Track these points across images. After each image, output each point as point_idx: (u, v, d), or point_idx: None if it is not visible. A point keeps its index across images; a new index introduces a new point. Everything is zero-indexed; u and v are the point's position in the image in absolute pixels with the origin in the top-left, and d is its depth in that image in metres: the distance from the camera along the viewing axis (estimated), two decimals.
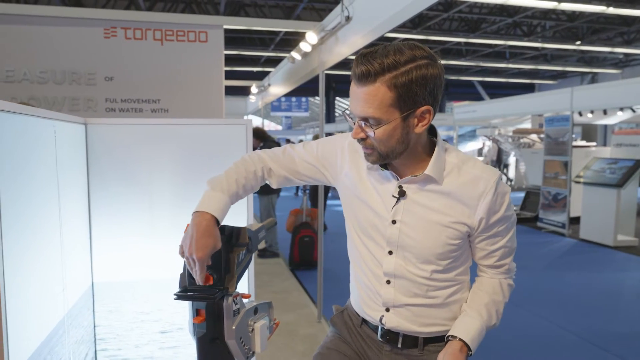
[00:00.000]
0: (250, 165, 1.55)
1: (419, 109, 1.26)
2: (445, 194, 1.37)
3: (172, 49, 4.18)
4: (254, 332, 1.48)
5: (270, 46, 16.68)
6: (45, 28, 3.98)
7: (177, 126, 2.09)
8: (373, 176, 1.45)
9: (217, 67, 4.26)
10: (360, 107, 1.26)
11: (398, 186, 1.40)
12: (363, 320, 1.56)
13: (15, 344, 1.29)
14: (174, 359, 2.14)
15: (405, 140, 1.31)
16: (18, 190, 1.33)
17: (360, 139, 1.33)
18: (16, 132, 1.34)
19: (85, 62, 4.05)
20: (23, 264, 1.37)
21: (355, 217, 1.50)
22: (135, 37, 4.14)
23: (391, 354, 1.50)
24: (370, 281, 1.48)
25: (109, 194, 2.04)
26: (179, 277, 1.41)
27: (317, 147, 1.57)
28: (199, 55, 4.22)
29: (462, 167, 1.38)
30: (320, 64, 4.35)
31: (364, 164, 1.45)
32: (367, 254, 1.48)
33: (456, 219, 1.37)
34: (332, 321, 1.67)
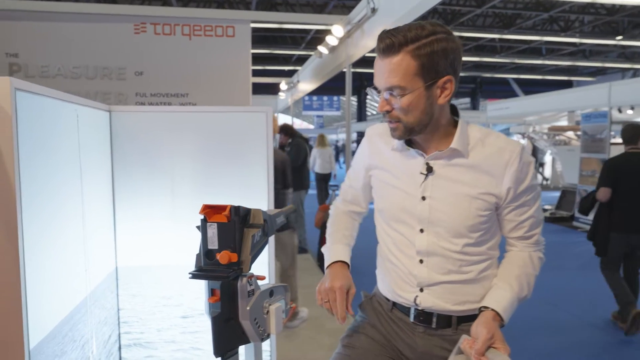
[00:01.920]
0: (342, 219, 1.71)
1: (441, 79, 1.31)
2: (471, 166, 1.39)
3: (200, 44, 4.24)
4: (269, 315, 1.48)
5: (302, 45, 16.72)
6: (78, 25, 4.09)
7: (199, 114, 2.11)
8: (398, 158, 1.48)
9: (244, 61, 4.29)
10: (386, 78, 1.32)
11: (425, 163, 1.42)
12: (394, 305, 1.56)
13: (35, 318, 1.33)
14: (195, 344, 2.17)
15: (430, 112, 1.35)
16: (38, 168, 1.37)
17: (385, 112, 1.37)
18: (38, 113, 1.38)
19: (116, 58, 4.14)
20: (43, 241, 1.40)
21: (385, 205, 1.52)
22: (164, 33, 4.21)
23: (425, 335, 1.50)
24: (402, 263, 1.49)
25: (132, 180, 2.08)
26: (195, 258, 1.42)
27: (352, 169, 1.69)
28: (226, 50, 4.26)
29: (486, 140, 1.41)
30: (347, 57, 4.34)
31: (387, 147, 1.49)
32: (398, 237, 1.49)
33: (484, 190, 1.38)
34: (361, 307, 1.67)
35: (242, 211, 1.42)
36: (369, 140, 1.59)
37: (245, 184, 2.11)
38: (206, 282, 1.40)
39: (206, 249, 1.40)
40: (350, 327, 1.65)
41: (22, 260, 1.24)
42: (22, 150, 1.26)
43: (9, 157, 1.19)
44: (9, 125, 1.19)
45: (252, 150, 2.10)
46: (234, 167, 2.10)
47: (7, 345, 1.23)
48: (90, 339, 1.78)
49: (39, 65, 4.04)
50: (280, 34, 16.18)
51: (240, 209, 1.42)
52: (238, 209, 1.40)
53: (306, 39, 16.13)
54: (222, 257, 1.36)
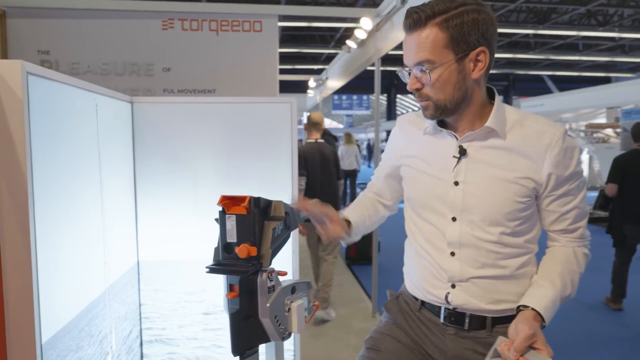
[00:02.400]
0: (363, 200, 1.63)
1: (474, 51, 1.23)
2: (508, 149, 1.29)
3: (227, 39, 4.21)
4: (290, 312, 1.40)
5: (331, 43, 16.67)
6: (107, 21, 4.12)
7: (222, 104, 2.05)
8: (430, 141, 1.40)
9: (271, 57, 4.25)
10: (414, 53, 1.25)
11: (458, 145, 1.33)
12: (422, 304, 1.45)
13: (48, 311, 1.28)
14: (216, 341, 2.11)
15: (462, 87, 1.26)
16: (51, 156, 1.33)
17: (415, 90, 1.29)
18: (53, 99, 1.34)
19: (144, 54, 4.15)
20: (56, 231, 1.36)
21: (414, 193, 1.44)
22: (191, 28, 4.20)
23: (456, 337, 1.38)
24: (432, 256, 1.39)
25: (153, 172, 2.04)
26: (213, 251, 1.36)
27: (381, 160, 1.61)
28: (253, 45, 4.22)
29: (525, 122, 1.31)
30: (376, 51, 4.24)
31: (420, 132, 1.42)
32: (428, 228, 1.40)
33: (522, 174, 1.28)
34: (386, 307, 1.57)
35: (263, 203, 1.35)
36: (400, 128, 1.51)
37: (269, 176, 2.04)
38: (225, 277, 1.34)
39: (224, 242, 1.34)
40: (375, 329, 1.55)
41: (33, 250, 1.20)
42: (35, 136, 1.21)
43: (20, 143, 1.15)
44: (20, 109, 1.15)
45: (277, 143, 2.04)
46: (258, 160, 2.03)
47: (18, 339, 1.19)
48: (109, 334, 1.74)
49: (70, 62, 4.08)
50: (309, 32, 16.16)
51: (261, 200, 1.35)
52: (258, 200, 1.33)
53: (335, 37, 16.07)
54: (240, 251, 1.29)
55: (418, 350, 1.45)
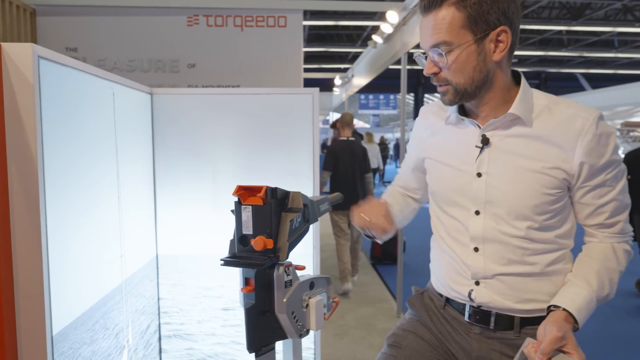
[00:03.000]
0: (392, 192, 1.57)
1: (494, 30, 1.16)
2: (535, 137, 1.20)
3: (252, 35, 4.19)
4: (308, 308, 1.34)
5: (358, 42, 16.58)
6: (133, 18, 4.15)
7: (242, 96, 2.01)
8: (452, 132, 1.33)
9: (296, 52, 4.21)
10: (430, 35, 1.18)
11: (481, 134, 1.25)
12: (447, 301, 1.38)
13: (59, 302, 1.26)
14: (235, 337, 2.07)
15: (483, 69, 1.18)
16: (63, 143, 1.30)
17: (432, 75, 1.23)
18: (66, 86, 1.31)
19: (170, 50, 4.16)
20: (69, 220, 1.34)
21: (437, 187, 1.37)
22: (216, 24, 4.20)
23: (481, 337, 1.30)
24: (455, 252, 1.32)
25: (173, 165, 2.01)
26: (229, 243, 1.31)
27: (407, 153, 1.54)
28: (278, 41, 4.19)
29: (555, 108, 1.21)
30: (403, 45, 4.15)
31: (442, 123, 1.35)
32: (450, 222, 1.33)
33: (551, 164, 1.19)
34: (410, 303, 1.50)
35: (280, 193, 1.30)
36: (423, 119, 1.44)
37: (290, 170, 1.99)
38: (240, 270, 1.29)
39: (240, 234, 1.29)
40: (398, 325, 1.48)
41: (44, 240, 1.17)
42: (46, 122, 1.19)
43: (30, 129, 1.12)
44: (31, 94, 1.12)
45: (298, 135, 1.98)
46: (278, 153, 1.99)
47: (28, 331, 1.16)
48: (125, 327, 1.71)
49: (97, 59, 4.12)
50: (336, 31, 16.09)
51: (278, 191, 1.29)
52: (275, 190, 1.28)
53: (362, 36, 15.97)
54: (256, 243, 1.23)
55: (442, 348, 1.38)
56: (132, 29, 4.10)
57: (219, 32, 4.16)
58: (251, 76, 4.13)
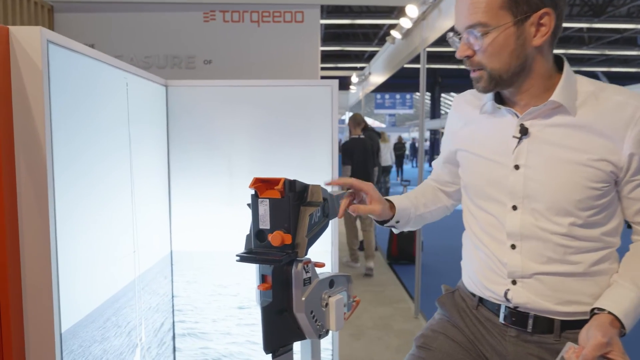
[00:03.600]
0: (422, 187, 1.50)
1: (536, 13, 1.07)
2: (579, 127, 1.11)
3: (268, 31, 4.14)
4: (328, 308, 1.28)
5: (374, 41, 16.47)
6: (149, 14, 4.12)
7: (259, 88, 1.95)
8: (488, 121, 1.25)
9: (313, 48, 4.16)
10: (465, 15, 1.11)
11: (519, 124, 1.16)
12: (480, 301, 1.29)
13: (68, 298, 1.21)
14: (251, 337, 2.01)
15: (521, 55, 1.10)
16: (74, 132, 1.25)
17: (466, 58, 1.15)
18: (77, 73, 1.26)
19: (186, 46, 4.14)
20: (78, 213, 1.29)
21: (470, 180, 1.29)
22: (232, 20, 4.16)
23: (518, 340, 1.22)
24: (490, 249, 1.23)
25: (188, 159, 1.96)
26: (245, 239, 1.25)
27: (442, 142, 1.46)
28: (295, 36, 4.14)
29: (601, 95, 1.12)
30: (422, 40, 4.06)
31: (476, 112, 1.27)
32: (485, 218, 1.24)
33: (597, 156, 1.10)
34: (440, 302, 1.42)
35: (298, 186, 1.23)
36: (456, 108, 1.36)
37: (308, 164, 1.93)
38: (257, 267, 1.23)
39: (257, 229, 1.22)
40: (427, 326, 1.40)
41: (52, 232, 1.12)
42: (56, 109, 1.14)
43: (39, 116, 1.07)
44: (39, 80, 1.07)
45: (316, 128, 1.92)
46: (296, 146, 1.93)
47: (36, 327, 1.12)
48: (138, 325, 1.66)
49: (113, 55, 4.08)
50: (352, 30, 16.00)
51: (297, 184, 1.22)
52: (293, 183, 1.21)
53: (378, 34, 15.86)
54: (274, 238, 1.17)
55: (474, 351, 1.30)
56: (148, 25, 4.08)
57: (236, 28, 4.12)
58: (268, 72, 4.08)
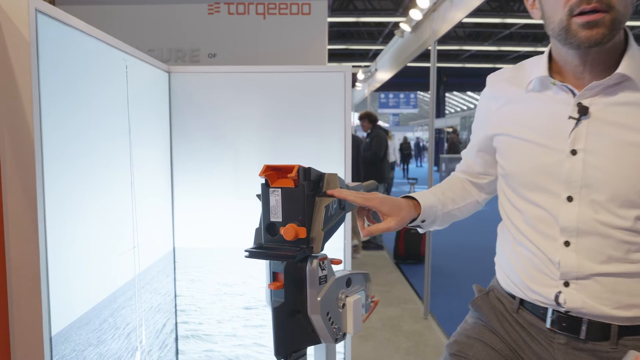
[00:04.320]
0: (449, 180, 1.37)
1: None
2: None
3: (274, 23, 4.04)
4: (345, 309, 1.17)
5: (379, 39, 16.36)
6: (153, 7, 4.03)
7: (267, 74, 1.84)
8: (535, 100, 1.11)
9: (320, 40, 4.05)
10: None
11: (576, 102, 1.03)
12: (521, 303, 1.16)
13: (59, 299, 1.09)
14: (258, 339, 1.90)
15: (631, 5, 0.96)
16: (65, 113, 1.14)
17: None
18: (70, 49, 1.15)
19: (190, 39, 4.04)
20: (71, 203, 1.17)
21: (514, 168, 1.15)
22: (237, 12, 4.06)
23: (567, 348, 1.09)
24: (537, 246, 1.10)
25: (192, 150, 1.86)
26: (254, 232, 1.14)
27: (473, 129, 1.33)
28: (301, 29, 4.03)
29: None
30: (432, 33, 3.93)
31: (521, 90, 1.13)
32: (532, 210, 1.11)
33: None
34: (476, 305, 1.28)
35: (314, 175, 1.12)
36: (492, 88, 1.22)
37: (319, 155, 1.82)
38: (267, 263, 1.12)
39: (268, 222, 1.11)
40: (460, 331, 1.27)
41: (41, 225, 1.01)
42: (45, 87, 1.03)
43: (26, 96, 0.96)
44: (27, 54, 0.96)
45: (328, 117, 1.80)
46: (306, 136, 1.82)
47: (23, 330, 1.01)
48: (138, 326, 1.55)
49: None
50: (357, 28, 15.89)
51: (312, 172, 1.11)
52: (308, 171, 1.10)
53: (383, 32, 15.75)
54: (287, 232, 1.06)
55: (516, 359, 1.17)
56: (151, 18, 3.99)
57: (241, 21, 4.02)
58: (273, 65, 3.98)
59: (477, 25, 14.67)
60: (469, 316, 1.29)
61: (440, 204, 1.23)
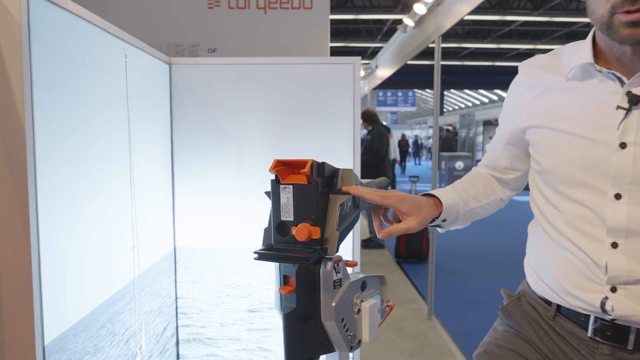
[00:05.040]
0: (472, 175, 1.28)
1: None
2: None
3: (275, 17, 3.94)
4: (360, 314, 1.10)
5: (377, 37, 16.29)
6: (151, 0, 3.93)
7: (272, 66, 1.76)
8: (577, 89, 1.02)
9: (322, 35, 3.96)
10: None
11: (626, 91, 0.95)
12: (558, 309, 1.08)
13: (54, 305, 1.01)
14: (262, 343, 1.82)
15: None
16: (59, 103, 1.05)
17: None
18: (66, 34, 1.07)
19: (189, 34, 3.94)
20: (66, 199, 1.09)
21: (554, 163, 1.06)
22: (238, 6, 3.95)
23: (612, 359, 1.01)
24: (580, 248, 1.01)
25: (193, 145, 1.78)
26: (263, 232, 1.06)
27: (501, 122, 1.24)
28: (303, 23, 3.94)
29: None
30: (437, 28, 3.86)
31: (560, 79, 1.05)
32: (573, 209, 1.02)
33: None
34: (507, 311, 1.20)
35: (327, 170, 1.04)
36: (526, 75, 1.13)
37: (327, 151, 1.75)
38: (277, 266, 1.04)
39: (278, 221, 1.03)
40: (490, 340, 1.19)
41: (34, 226, 0.92)
42: (38, 74, 0.94)
43: (17, 82, 0.88)
44: (18, 37, 0.87)
45: (336, 111, 1.73)
46: (313, 131, 1.75)
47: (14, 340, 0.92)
48: (138, 331, 1.47)
49: None
50: (355, 26, 15.81)
51: (326, 167, 1.03)
52: (322, 166, 1.02)
53: (382, 30, 15.67)
54: (299, 232, 0.98)
55: None
56: (149, 12, 3.90)
57: (241, 15, 3.93)
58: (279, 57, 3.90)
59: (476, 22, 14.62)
60: (498, 323, 1.21)
61: (462, 201, 1.14)
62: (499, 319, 1.22)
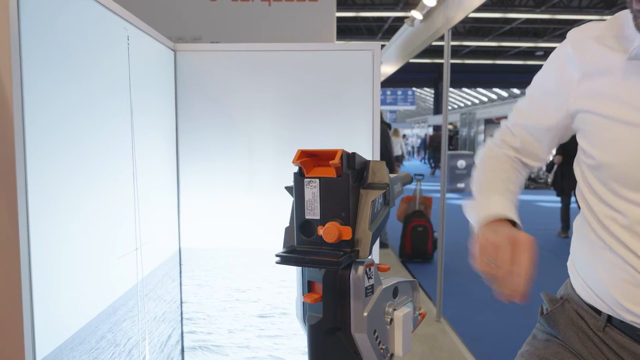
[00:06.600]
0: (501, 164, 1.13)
1: None
2: None
3: (280, 10, 3.87)
4: (393, 324, 0.98)
5: (378, 35, 16.22)
6: None
7: (285, 53, 1.64)
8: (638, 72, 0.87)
9: (328, 28, 3.86)
10: None
11: None
12: (609, 320, 0.96)
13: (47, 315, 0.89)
14: (274, 351, 1.71)
15: None
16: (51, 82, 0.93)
17: None
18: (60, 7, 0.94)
19: (191, 27, 3.85)
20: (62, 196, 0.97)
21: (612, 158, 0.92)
22: None
23: None
24: (638, 256, 0.88)
25: (200, 136, 1.68)
26: (284, 232, 0.95)
27: (530, 100, 1.09)
28: (309, 16, 3.86)
29: None
30: (447, 21, 3.74)
31: (619, 55, 0.90)
32: (632, 211, 0.89)
33: None
34: (551, 319, 1.07)
35: (358, 162, 0.92)
36: (577, 47, 0.97)
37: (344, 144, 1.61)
38: (299, 271, 0.92)
39: (302, 220, 0.91)
40: (531, 350, 1.07)
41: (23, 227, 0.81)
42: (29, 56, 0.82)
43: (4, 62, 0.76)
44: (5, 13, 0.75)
45: (353, 101, 1.62)
46: (329, 123, 1.63)
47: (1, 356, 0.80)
48: (141, 340, 1.35)
49: None
50: (355, 23, 15.72)
51: (357, 159, 0.91)
52: (352, 157, 0.91)
53: (383, 28, 15.61)
54: (328, 232, 0.86)
55: None
56: (151, 4, 3.80)
57: (245, 7, 3.84)
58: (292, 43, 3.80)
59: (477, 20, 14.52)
60: (539, 330, 1.09)
61: (514, 205, 1.01)
62: (540, 325, 1.10)
